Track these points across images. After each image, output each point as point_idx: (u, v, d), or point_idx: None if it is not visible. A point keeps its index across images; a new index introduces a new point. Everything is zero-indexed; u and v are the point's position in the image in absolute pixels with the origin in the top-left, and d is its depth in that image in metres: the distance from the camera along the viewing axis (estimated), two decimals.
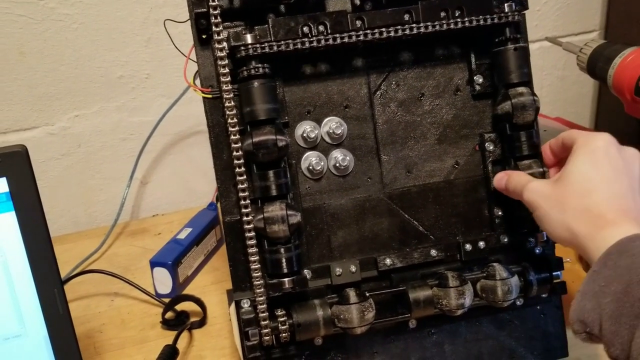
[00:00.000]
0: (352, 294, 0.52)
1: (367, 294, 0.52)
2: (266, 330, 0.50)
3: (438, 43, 0.56)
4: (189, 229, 0.81)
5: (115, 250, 0.89)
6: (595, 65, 0.68)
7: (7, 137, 0.91)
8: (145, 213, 1.01)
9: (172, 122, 0.95)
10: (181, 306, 0.71)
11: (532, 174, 0.53)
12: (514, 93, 0.53)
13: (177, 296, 0.71)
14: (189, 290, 0.77)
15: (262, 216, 0.49)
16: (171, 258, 0.75)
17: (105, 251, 0.88)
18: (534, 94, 0.54)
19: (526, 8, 0.54)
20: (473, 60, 0.56)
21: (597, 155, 0.47)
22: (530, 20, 1.08)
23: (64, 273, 0.79)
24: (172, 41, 0.63)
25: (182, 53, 0.60)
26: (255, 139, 0.49)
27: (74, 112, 0.93)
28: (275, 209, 0.50)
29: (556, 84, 1.16)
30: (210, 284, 0.79)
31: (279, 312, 0.51)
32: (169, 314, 0.70)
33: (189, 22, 0.54)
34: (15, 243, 0.49)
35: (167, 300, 0.72)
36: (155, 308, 0.73)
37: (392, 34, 0.51)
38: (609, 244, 0.41)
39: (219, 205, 0.87)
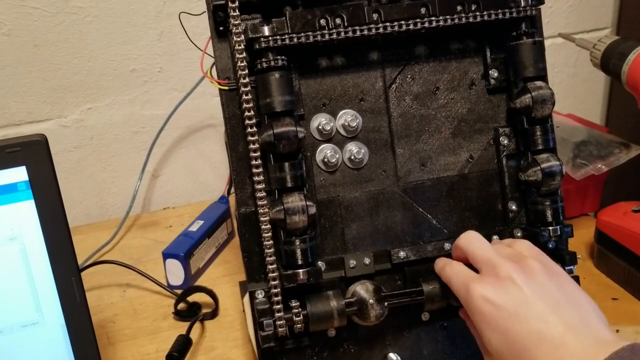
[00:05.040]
0: (372, 313, 0.51)
1: (386, 304, 0.52)
2: (280, 322, 0.50)
3: (453, 37, 0.56)
4: (201, 222, 0.82)
5: (127, 242, 0.89)
6: (609, 61, 0.68)
7: (21, 128, 0.91)
8: (156, 206, 1.01)
9: (183, 116, 0.95)
10: (193, 297, 0.72)
11: (549, 167, 0.53)
12: (533, 87, 0.53)
13: (189, 287, 0.72)
14: (200, 282, 0.78)
15: (281, 207, 0.50)
16: (183, 250, 0.75)
17: (117, 243, 0.89)
18: (550, 88, 0.54)
19: (542, 2, 0.55)
20: (488, 54, 0.56)
21: (487, 317, 0.43)
22: (542, 17, 1.08)
23: None
24: (187, 34, 0.63)
25: (196, 46, 0.61)
26: (277, 130, 0.49)
27: (86, 104, 0.93)
28: (295, 200, 0.50)
29: (567, 81, 1.16)
30: (222, 276, 0.79)
31: (293, 303, 0.51)
32: (181, 305, 0.71)
33: (203, 15, 0.54)
34: (33, 231, 0.49)
35: (178, 291, 0.72)
36: (167, 299, 0.74)
37: (408, 27, 0.52)
38: None
39: (230, 198, 0.88)
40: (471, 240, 0.49)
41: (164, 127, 0.93)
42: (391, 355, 0.55)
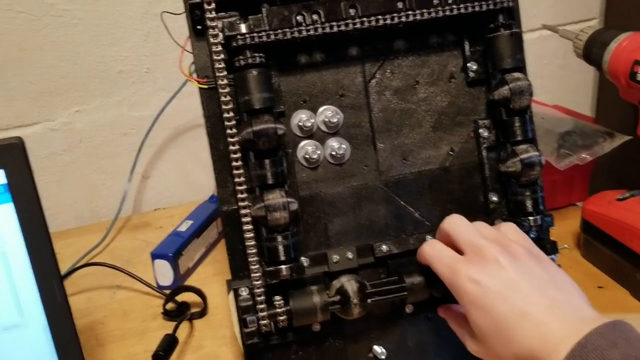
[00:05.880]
0: (356, 311, 0.52)
1: (369, 301, 0.52)
2: (263, 315, 0.51)
3: (432, 31, 0.56)
4: (190, 222, 0.82)
5: (117, 243, 0.89)
6: (591, 51, 0.68)
7: (9, 133, 0.92)
8: (147, 207, 1.01)
9: (172, 116, 0.95)
10: (182, 297, 0.72)
11: (529, 157, 0.53)
12: (510, 78, 0.54)
13: (178, 287, 0.72)
14: (190, 281, 0.78)
15: (262, 204, 0.50)
16: (172, 250, 0.75)
17: (108, 245, 0.89)
18: (528, 79, 0.54)
19: None
20: (467, 47, 0.56)
21: (473, 298, 0.44)
22: (529, 9, 1.08)
23: (66, 267, 0.80)
24: (170, 33, 0.63)
25: (179, 45, 0.61)
26: (256, 128, 0.49)
27: (74, 107, 0.93)
28: (276, 197, 0.50)
29: (556, 72, 1.16)
30: (212, 275, 0.79)
31: (277, 299, 0.51)
32: (170, 305, 0.71)
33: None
34: (14, 234, 0.49)
35: (168, 292, 0.73)
36: (157, 300, 0.74)
37: (385, 21, 0.52)
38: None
39: None
40: (455, 223, 0.49)
41: (153, 127, 0.93)
42: (376, 348, 0.55)
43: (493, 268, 0.44)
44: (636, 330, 0.39)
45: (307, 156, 0.55)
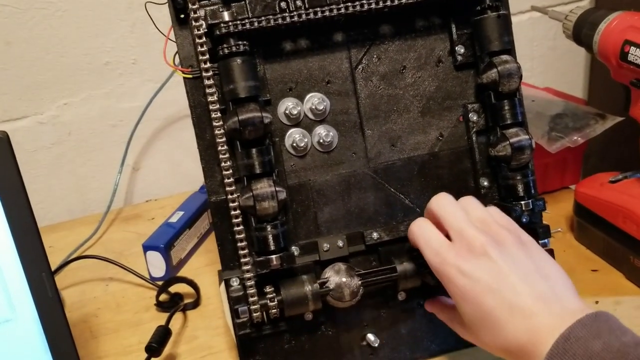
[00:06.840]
0: (346, 292, 0.51)
1: (360, 282, 0.52)
2: (255, 307, 0.50)
3: (418, 14, 0.56)
4: (181, 213, 0.82)
5: (109, 236, 0.89)
6: (581, 31, 0.67)
7: None
8: (138, 199, 1.01)
9: (160, 107, 0.95)
10: (176, 288, 0.72)
11: (519, 141, 0.53)
12: (499, 61, 0.53)
13: (170, 278, 0.72)
14: (183, 272, 0.78)
15: (250, 194, 0.50)
16: (163, 241, 0.75)
17: (100, 237, 0.88)
18: (517, 62, 0.54)
19: None
20: (454, 30, 0.56)
21: (462, 290, 0.44)
22: None
23: (59, 260, 0.80)
24: (154, 23, 0.62)
25: (164, 35, 0.60)
26: (242, 117, 0.49)
27: (62, 100, 0.93)
28: (264, 186, 0.50)
29: (547, 54, 1.15)
30: (205, 265, 0.79)
31: (268, 289, 0.51)
32: (163, 297, 0.71)
33: None
34: (1, 229, 0.49)
35: (161, 283, 0.72)
36: (150, 291, 0.74)
37: (370, 6, 0.51)
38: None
39: None
40: (442, 204, 0.49)
41: (142, 119, 0.92)
42: (369, 335, 0.55)
43: (482, 260, 0.44)
44: (617, 320, 0.40)
45: (294, 144, 0.54)
